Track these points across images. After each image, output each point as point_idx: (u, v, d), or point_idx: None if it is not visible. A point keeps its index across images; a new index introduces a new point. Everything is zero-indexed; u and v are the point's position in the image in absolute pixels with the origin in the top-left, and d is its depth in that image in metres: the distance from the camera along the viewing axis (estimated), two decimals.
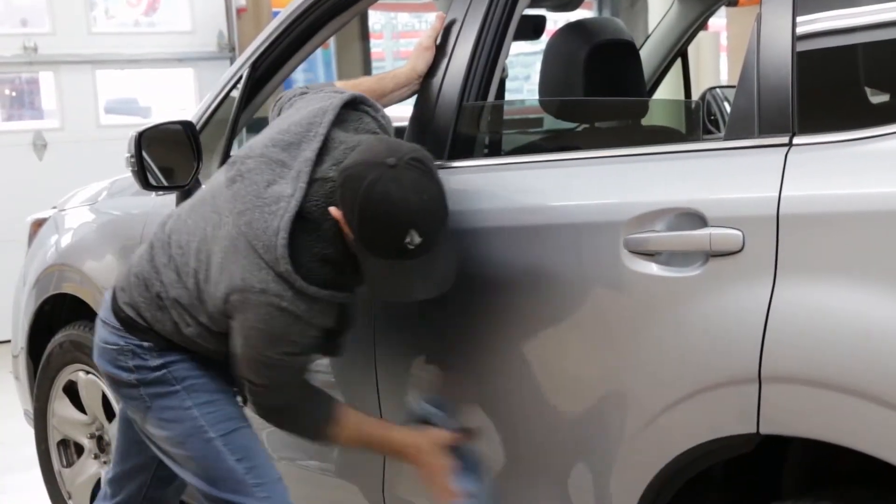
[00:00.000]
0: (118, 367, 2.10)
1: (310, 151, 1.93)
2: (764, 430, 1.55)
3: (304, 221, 1.89)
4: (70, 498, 3.19)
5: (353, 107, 2.03)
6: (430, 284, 1.88)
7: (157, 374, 2.08)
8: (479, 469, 1.99)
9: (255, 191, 1.92)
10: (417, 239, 1.79)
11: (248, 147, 2.01)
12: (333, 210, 1.87)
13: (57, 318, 3.18)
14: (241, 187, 1.94)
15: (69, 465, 3.20)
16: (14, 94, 7.12)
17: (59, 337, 3.10)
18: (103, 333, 2.14)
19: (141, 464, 2.29)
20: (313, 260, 1.90)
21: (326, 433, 2.05)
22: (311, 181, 1.91)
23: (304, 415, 2.05)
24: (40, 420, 3.25)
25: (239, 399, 2.16)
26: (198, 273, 1.99)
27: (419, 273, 1.85)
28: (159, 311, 2.06)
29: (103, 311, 2.17)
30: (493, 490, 1.99)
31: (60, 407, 3.16)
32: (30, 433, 3.39)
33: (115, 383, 2.13)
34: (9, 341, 3.51)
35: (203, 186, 2.15)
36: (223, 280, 1.93)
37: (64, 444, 3.22)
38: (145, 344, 2.08)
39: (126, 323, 2.09)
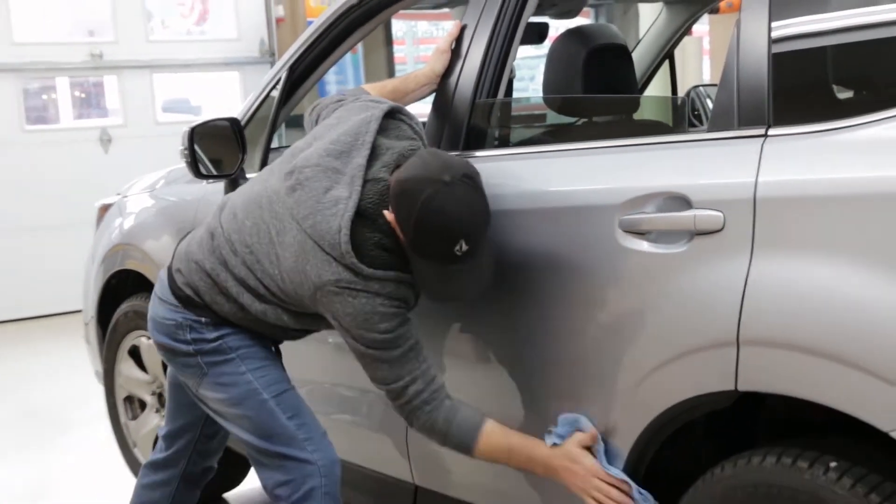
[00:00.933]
0: (176, 340, 2.09)
1: (361, 158, 1.92)
2: (741, 388, 1.55)
3: (362, 218, 1.89)
4: (135, 446, 3.22)
5: (392, 116, 2.02)
6: (472, 286, 1.87)
7: (214, 344, 2.07)
8: (615, 454, 1.79)
9: (315, 196, 1.91)
10: (465, 247, 1.79)
11: (303, 158, 1.97)
12: (387, 213, 1.87)
13: (122, 290, 3.20)
14: (302, 194, 1.93)
15: (134, 418, 3.22)
16: (83, 95, 7.15)
17: (124, 307, 3.12)
18: (161, 310, 2.12)
19: (190, 422, 2.30)
20: (374, 249, 1.89)
21: (472, 443, 1.89)
22: (365, 182, 1.90)
23: (441, 420, 1.90)
24: (109, 379, 3.27)
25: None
26: (275, 277, 1.96)
27: (463, 276, 1.84)
28: (220, 295, 2.04)
29: (160, 289, 2.15)
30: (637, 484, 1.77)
31: (126, 368, 3.18)
32: (91, 391, 3.43)
33: (172, 353, 2.12)
34: (80, 311, 3.53)
35: (254, 186, 2.10)
36: (304, 282, 1.90)
37: (129, 400, 3.24)
38: (203, 319, 2.07)
39: (185, 301, 2.08)
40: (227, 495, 3.30)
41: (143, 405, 3.18)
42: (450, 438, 1.91)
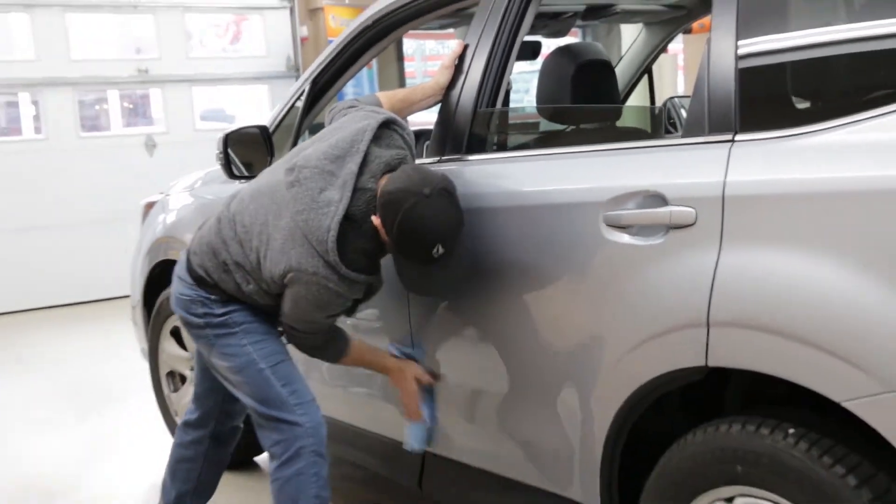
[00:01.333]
0: (190, 313, 2.14)
1: (353, 164, 1.95)
2: (711, 364, 1.55)
3: (349, 222, 1.93)
4: (177, 415, 3.23)
5: (387, 126, 2.05)
6: (447, 282, 1.95)
7: (221, 319, 2.11)
8: (433, 404, 2.16)
9: (310, 195, 1.94)
10: (441, 250, 1.86)
11: (304, 157, 2.01)
12: (374, 218, 1.92)
13: (165, 278, 3.20)
14: (299, 191, 1.96)
15: (176, 390, 3.24)
16: (131, 105, 7.15)
17: (166, 293, 3.13)
18: (179, 287, 2.17)
19: (214, 385, 2.32)
20: (355, 252, 1.93)
21: (340, 359, 2.16)
22: (355, 190, 1.94)
23: (328, 348, 2.13)
24: (153, 356, 3.29)
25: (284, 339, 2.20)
26: (259, 250, 2.01)
27: (439, 273, 1.91)
28: (224, 273, 2.08)
29: (179, 268, 2.19)
30: (436, 423, 2.17)
31: (168, 346, 3.19)
32: (137, 366, 3.44)
33: (187, 324, 2.18)
34: (128, 296, 3.54)
35: (263, 177, 2.15)
36: (283, 261, 1.95)
37: (171, 374, 3.25)
38: (212, 297, 2.11)
39: (198, 280, 2.12)
40: (258, 459, 3.31)
41: (183, 379, 3.20)
42: (326, 356, 2.15)
